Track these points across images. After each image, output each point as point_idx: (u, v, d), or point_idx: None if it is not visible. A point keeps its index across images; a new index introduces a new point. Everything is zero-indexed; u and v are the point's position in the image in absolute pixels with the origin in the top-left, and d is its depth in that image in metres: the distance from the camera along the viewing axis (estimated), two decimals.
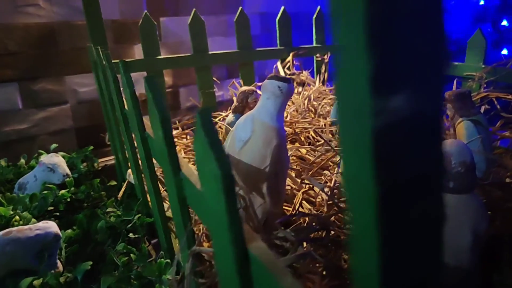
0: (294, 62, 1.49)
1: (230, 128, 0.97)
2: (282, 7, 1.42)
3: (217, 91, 1.50)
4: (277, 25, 1.43)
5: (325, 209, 0.64)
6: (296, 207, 0.68)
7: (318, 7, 1.50)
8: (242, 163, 0.62)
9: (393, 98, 0.14)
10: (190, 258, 0.44)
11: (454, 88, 1.17)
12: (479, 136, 0.83)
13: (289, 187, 0.77)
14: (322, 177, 0.80)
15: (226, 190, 0.28)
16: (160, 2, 1.48)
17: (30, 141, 1.28)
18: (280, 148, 0.61)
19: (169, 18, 1.50)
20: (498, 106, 1.14)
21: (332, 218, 0.61)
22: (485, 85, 1.14)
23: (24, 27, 1.21)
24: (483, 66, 1.16)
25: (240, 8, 1.33)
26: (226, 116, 1.16)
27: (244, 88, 0.97)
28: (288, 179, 0.84)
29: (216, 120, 1.13)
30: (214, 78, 1.35)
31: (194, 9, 1.26)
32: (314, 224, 0.60)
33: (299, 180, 0.81)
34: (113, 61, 1.15)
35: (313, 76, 1.54)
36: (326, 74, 1.54)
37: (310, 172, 0.81)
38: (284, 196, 0.66)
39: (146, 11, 1.21)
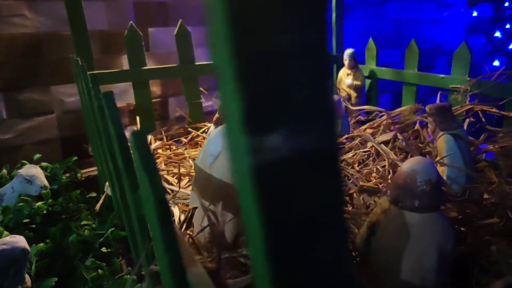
0: None
1: None
2: None
3: (205, 102, 1.49)
4: None
5: None
6: None
7: None
8: (213, 178, 0.61)
9: (268, 137, 0.13)
10: (147, 277, 0.43)
11: (437, 101, 1.16)
12: (458, 150, 0.82)
13: None
14: None
15: (159, 214, 0.27)
16: (149, 12, 1.48)
17: (15, 151, 1.28)
18: None
19: (158, 29, 1.51)
20: (483, 119, 1.13)
21: None
22: (469, 98, 1.14)
23: (10, 37, 1.21)
24: (468, 78, 1.16)
25: None
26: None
27: None
28: None
29: (199, 132, 1.13)
30: (202, 89, 1.35)
31: (180, 20, 1.26)
32: None
33: None
34: (93, 72, 1.15)
35: None
36: None
37: None
38: None
39: (132, 21, 1.22)
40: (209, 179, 0.62)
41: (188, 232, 0.62)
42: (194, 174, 0.73)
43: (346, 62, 1.43)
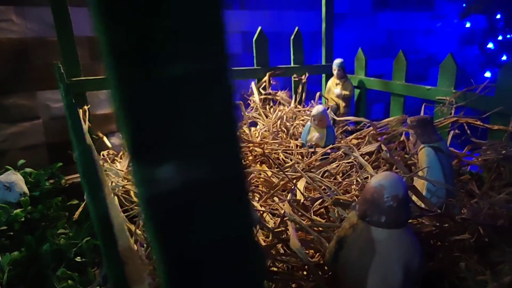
0: (272, 82, 1.49)
1: None
2: (259, 27, 1.43)
3: None
4: (254, 45, 1.44)
5: (270, 238, 0.63)
6: None
7: (296, 28, 1.51)
8: None
9: (160, 168, 0.13)
10: None
11: (422, 112, 1.17)
12: (438, 163, 0.82)
13: None
14: (278, 202, 0.79)
15: (100, 231, 0.27)
16: None
17: (0, 156, 1.27)
18: None
19: None
20: (468, 131, 1.14)
21: (273, 250, 0.59)
22: (454, 110, 1.14)
23: None
24: (454, 90, 1.16)
25: None
26: None
27: None
28: None
29: None
30: None
31: None
32: None
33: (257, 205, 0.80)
34: (78, 78, 1.14)
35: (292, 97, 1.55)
36: (304, 94, 1.54)
37: (265, 197, 0.80)
38: None
39: None
40: None
41: None
42: None
43: (335, 72, 1.44)
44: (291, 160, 1.08)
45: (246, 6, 1.83)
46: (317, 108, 1.12)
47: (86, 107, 1.05)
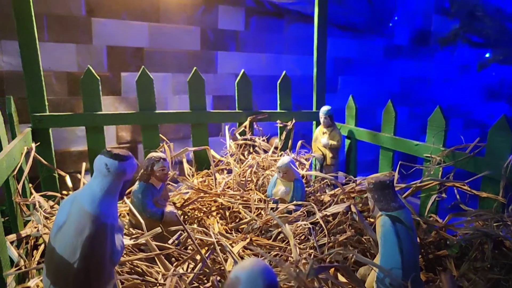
0: (256, 126, 1.41)
1: (135, 198, 0.87)
2: (242, 70, 1.37)
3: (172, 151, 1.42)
4: (236, 88, 1.37)
5: None
6: None
7: (284, 72, 1.43)
8: (56, 252, 0.52)
9: None
10: None
11: (396, 173, 1.03)
12: (395, 237, 0.69)
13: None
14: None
15: None
16: (123, 57, 1.47)
17: None
18: (95, 240, 0.50)
19: (131, 73, 1.48)
20: (458, 196, 0.99)
21: None
22: (441, 170, 1.00)
23: None
24: (442, 148, 1.03)
25: (195, 68, 1.29)
26: None
27: (152, 154, 0.88)
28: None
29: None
30: (164, 137, 1.28)
31: (142, 66, 1.22)
32: None
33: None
34: (42, 114, 1.10)
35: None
36: (290, 141, 1.44)
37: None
38: None
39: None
40: (51, 252, 0.52)
41: None
42: None
43: (321, 120, 1.33)
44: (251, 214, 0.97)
45: (242, 48, 1.79)
46: (282, 160, 1.02)
47: (33, 145, 1.00)
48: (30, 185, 1.01)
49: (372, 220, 0.98)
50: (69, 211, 0.52)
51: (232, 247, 0.80)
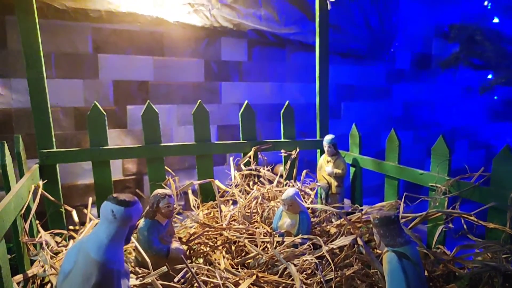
0: (261, 156, 1.42)
1: (141, 236, 0.87)
2: (246, 101, 1.39)
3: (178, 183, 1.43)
4: (240, 119, 1.39)
5: None
6: None
7: (287, 102, 1.45)
8: None
9: None
10: None
11: (402, 202, 1.03)
12: (402, 273, 0.68)
13: None
14: None
15: None
16: (128, 91, 1.50)
17: None
18: (101, 287, 0.51)
19: (137, 106, 1.51)
20: (465, 226, 0.98)
21: None
22: (447, 200, 1.00)
23: None
24: (447, 178, 1.02)
25: (199, 101, 1.31)
26: None
27: (157, 191, 0.89)
28: None
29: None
30: (169, 169, 1.29)
31: (148, 101, 1.24)
32: None
33: None
34: (49, 150, 1.11)
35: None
36: (295, 170, 1.45)
37: None
38: None
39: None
40: None
41: None
42: None
43: (325, 149, 1.34)
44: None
45: (245, 78, 1.82)
46: (287, 192, 1.02)
47: (40, 183, 1.01)
48: (37, 221, 1.02)
49: (379, 252, 0.97)
50: (76, 259, 0.52)
51: (239, 284, 0.80)
